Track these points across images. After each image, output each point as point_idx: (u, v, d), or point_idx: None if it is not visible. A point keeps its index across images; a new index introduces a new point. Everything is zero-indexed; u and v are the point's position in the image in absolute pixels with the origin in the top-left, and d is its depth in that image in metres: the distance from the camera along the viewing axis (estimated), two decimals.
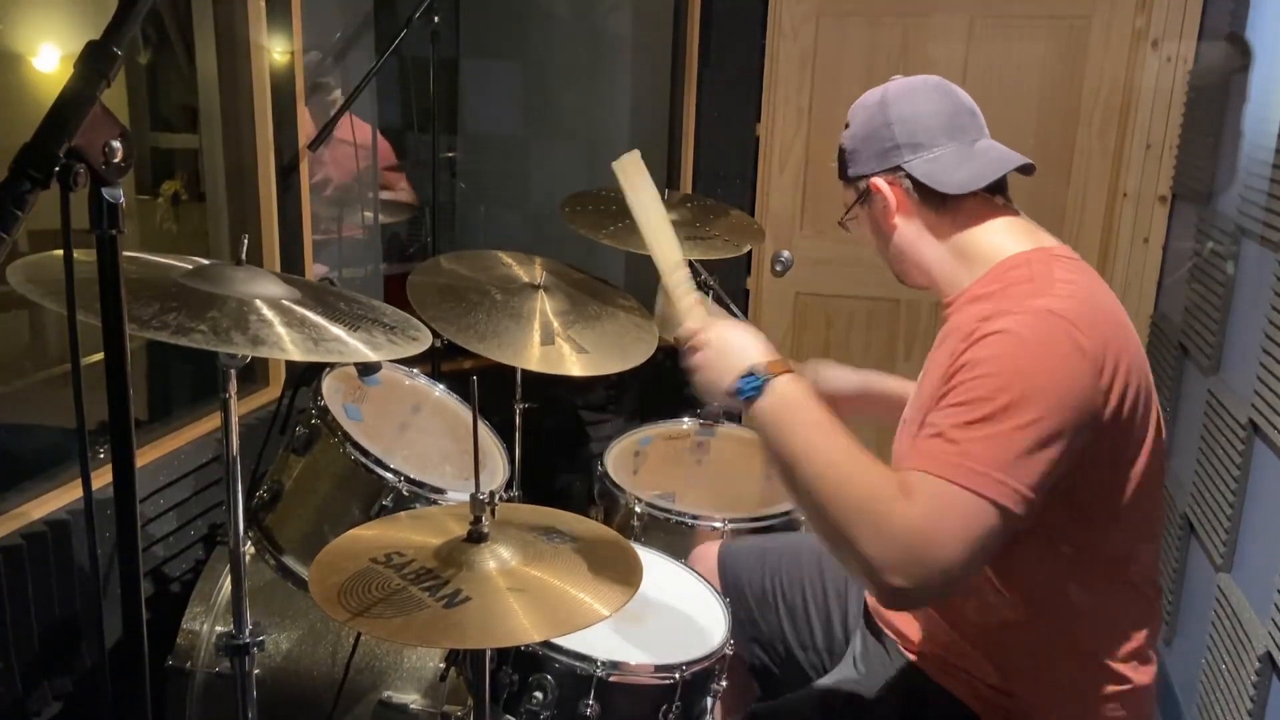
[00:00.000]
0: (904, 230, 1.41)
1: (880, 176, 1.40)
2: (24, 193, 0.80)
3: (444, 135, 3.53)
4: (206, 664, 1.83)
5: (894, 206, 1.40)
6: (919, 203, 1.38)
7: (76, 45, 0.84)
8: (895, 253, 1.44)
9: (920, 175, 1.37)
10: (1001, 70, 2.93)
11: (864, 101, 1.45)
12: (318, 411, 1.73)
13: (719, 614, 1.67)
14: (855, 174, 1.43)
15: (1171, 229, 2.87)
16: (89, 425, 0.92)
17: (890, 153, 1.38)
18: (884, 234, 1.44)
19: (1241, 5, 2.41)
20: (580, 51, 3.47)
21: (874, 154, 1.40)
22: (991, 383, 1.17)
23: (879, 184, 1.40)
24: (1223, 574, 1.99)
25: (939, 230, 1.39)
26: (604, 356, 2.13)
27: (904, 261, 1.45)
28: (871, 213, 1.44)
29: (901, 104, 1.40)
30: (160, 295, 1.28)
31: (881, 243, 1.46)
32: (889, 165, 1.39)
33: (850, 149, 1.43)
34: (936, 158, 1.37)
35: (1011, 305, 1.23)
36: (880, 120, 1.40)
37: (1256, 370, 1.87)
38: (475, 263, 2.32)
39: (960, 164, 1.37)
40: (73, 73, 0.83)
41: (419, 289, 2.11)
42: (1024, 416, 1.15)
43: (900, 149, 1.38)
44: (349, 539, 1.34)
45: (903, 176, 1.38)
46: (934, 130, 1.38)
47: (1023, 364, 1.18)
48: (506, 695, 1.51)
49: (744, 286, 3.21)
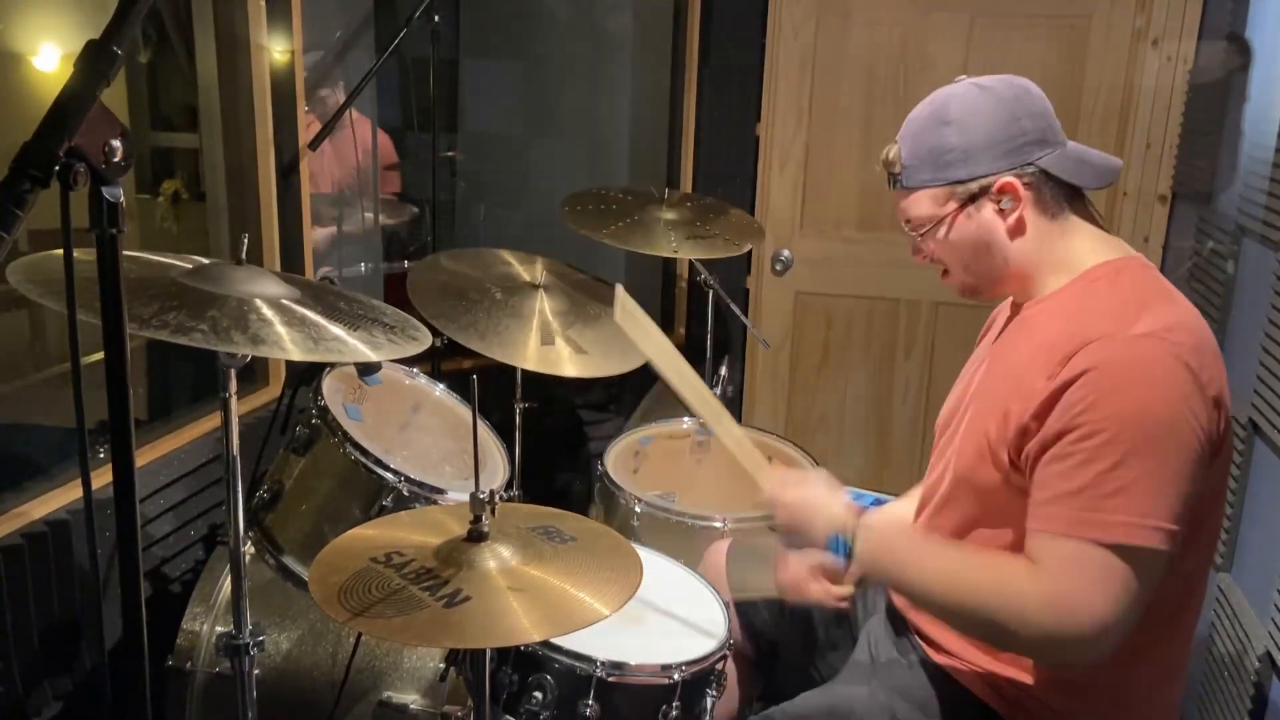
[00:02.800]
0: (1027, 233, 1.33)
1: (1011, 174, 1.31)
2: (24, 192, 0.80)
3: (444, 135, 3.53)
4: (206, 664, 1.83)
5: (1023, 206, 1.31)
6: (1043, 203, 1.32)
7: (76, 45, 0.84)
8: (1001, 260, 1.35)
9: (1058, 171, 1.31)
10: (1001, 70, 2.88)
11: (970, 100, 1.33)
12: (318, 411, 1.73)
13: (719, 614, 1.67)
14: (965, 175, 1.32)
15: (1171, 228, 2.87)
16: (89, 425, 0.92)
17: (1024, 148, 1.30)
18: (992, 239, 1.34)
19: (1241, 5, 2.41)
20: (580, 51, 3.47)
21: (1002, 151, 1.30)
22: (1107, 429, 1.15)
23: (1012, 183, 1.30)
24: (1223, 574, 1.99)
25: (1048, 234, 1.33)
26: (602, 358, 2.13)
27: (1008, 268, 1.35)
28: (980, 218, 1.33)
29: (1026, 99, 1.33)
30: (160, 294, 1.28)
31: (977, 252, 1.36)
32: (1022, 161, 1.30)
33: (957, 146, 1.31)
34: (1064, 154, 1.33)
35: (1110, 327, 1.20)
36: (1005, 115, 1.31)
37: (1256, 370, 1.87)
38: (475, 261, 2.32)
39: (1080, 160, 1.34)
40: (73, 72, 0.83)
41: (419, 286, 2.11)
42: (1150, 457, 1.14)
43: (1034, 145, 1.31)
44: (349, 539, 1.34)
45: (1035, 174, 1.31)
46: (1056, 127, 1.34)
47: (1136, 401, 1.16)
48: (506, 695, 1.51)
49: (744, 286, 3.21)
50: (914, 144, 1.36)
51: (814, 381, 3.27)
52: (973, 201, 1.33)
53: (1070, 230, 1.34)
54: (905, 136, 1.38)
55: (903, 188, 1.38)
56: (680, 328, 3.28)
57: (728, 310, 2.68)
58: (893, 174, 1.39)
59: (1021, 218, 1.32)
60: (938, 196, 1.35)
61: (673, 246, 2.46)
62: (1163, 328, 1.19)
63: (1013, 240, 1.33)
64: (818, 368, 3.26)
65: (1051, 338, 1.25)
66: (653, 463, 2.39)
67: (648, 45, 3.31)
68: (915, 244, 1.41)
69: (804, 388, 3.29)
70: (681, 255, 2.64)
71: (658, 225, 2.50)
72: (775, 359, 3.29)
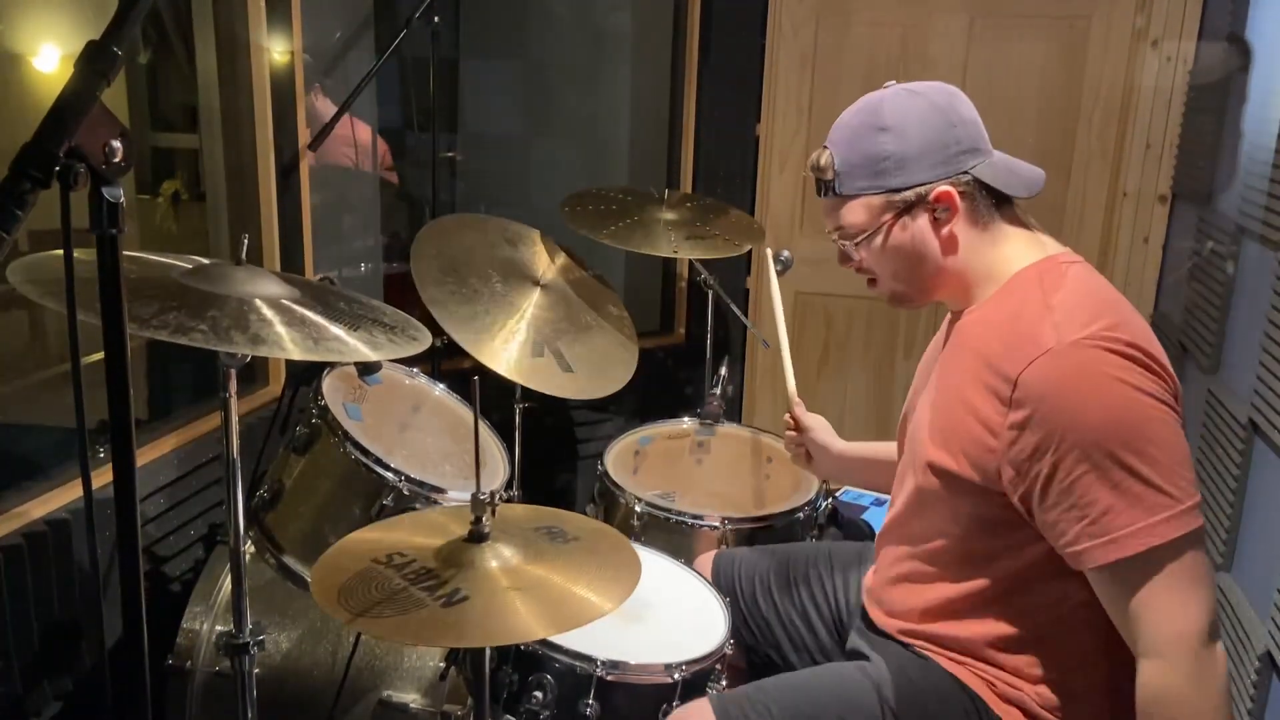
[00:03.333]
0: (960, 242, 1.33)
1: (947, 183, 1.31)
2: (24, 192, 0.80)
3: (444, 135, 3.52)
4: (206, 663, 1.83)
5: (957, 216, 1.32)
6: (976, 212, 1.33)
7: (76, 45, 0.84)
8: (933, 270, 1.35)
9: (991, 179, 1.31)
10: (1001, 70, 2.93)
11: (905, 107, 1.32)
12: (318, 411, 1.73)
13: (719, 613, 1.67)
14: (902, 184, 1.31)
15: (1171, 229, 2.87)
16: (89, 424, 0.92)
17: (959, 157, 1.31)
18: (926, 249, 1.34)
19: (1241, 5, 2.41)
20: (580, 51, 3.47)
21: (938, 159, 1.30)
22: (1090, 453, 1.16)
23: (948, 191, 1.30)
24: (1223, 574, 1.99)
25: (979, 243, 1.34)
26: (587, 379, 2.11)
27: (940, 278, 1.36)
28: (915, 227, 1.33)
29: (959, 107, 1.33)
30: (160, 294, 1.28)
31: (910, 261, 1.36)
32: (958, 170, 1.31)
33: (894, 154, 1.31)
34: (993, 162, 1.33)
35: (1045, 340, 1.20)
36: (940, 122, 1.31)
37: (1256, 370, 1.87)
38: (484, 233, 2.27)
39: (1010, 171, 1.34)
40: (73, 73, 0.84)
41: (423, 264, 2.07)
42: (1143, 451, 1.15)
43: (968, 154, 1.31)
44: (350, 540, 1.34)
45: (970, 182, 1.32)
46: (985, 136, 1.34)
47: (1101, 414, 1.17)
48: (506, 695, 1.51)
49: (744, 286, 3.21)
50: (847, 150, 1.34)
51: (814, 381, 3.27)
52: (909, 211, 1.33)
53: (1001, 238, 1.35)
54: (837, 142, 1.37)
55: (836, 195, 1.36)
56: (680, 328, 3.28)
57: (728, 310, 2.68)
58: (824, 181, 1.37)
59: (954, 226, 1.32)
60: (873, 205, 1.34)
61: (673, 246, 2.46)
62: (1095, 328, 1.20)
63: (946, 250, 1.34)
64: (818, 368, 3.26)
65: (989, 356, 1.26)
66: (653, 463, 2.40)
67: (648, 45, 3.31)
68: (845, 251, 1.40)
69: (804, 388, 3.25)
70: (681, 255, 2.64)
71: (658, 225, 2.50)
72: (775, 359, 3.28)
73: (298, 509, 1.73)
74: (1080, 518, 1.18)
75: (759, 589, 1.76)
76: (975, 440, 1.27)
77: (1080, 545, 1.19)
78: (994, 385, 1.24)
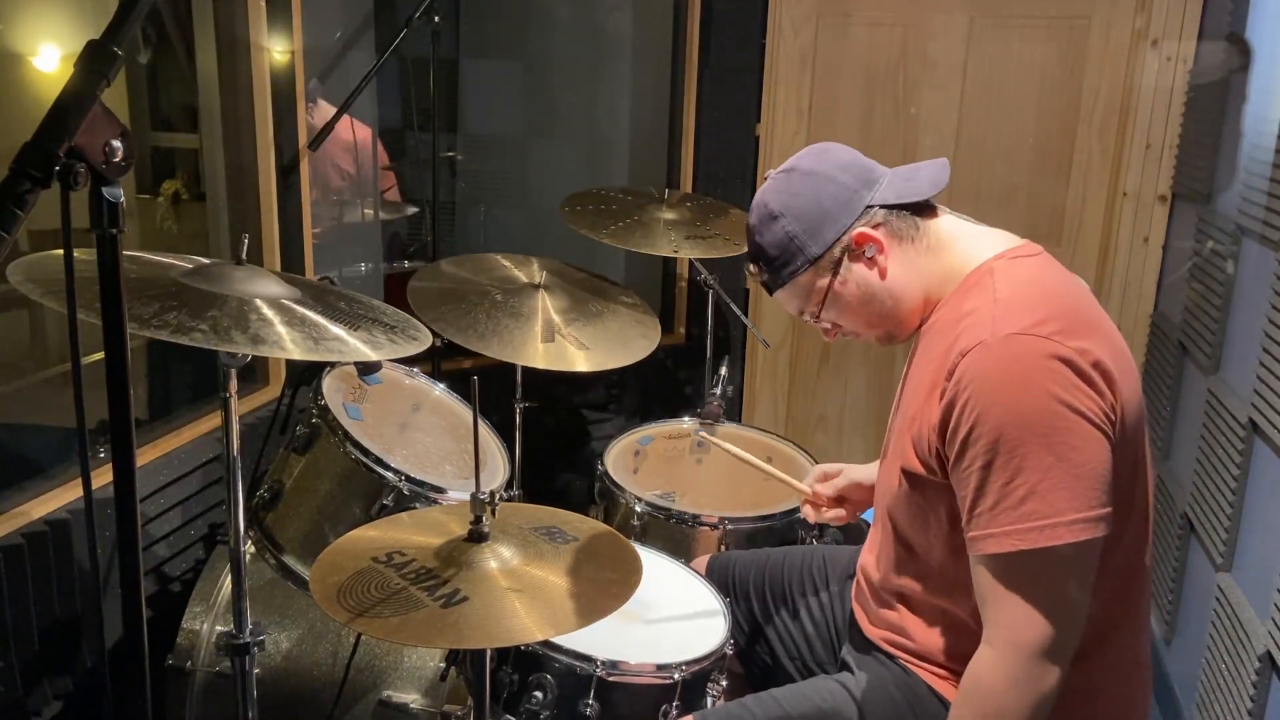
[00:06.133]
0: (900, 267, 1.37)
1: (859, 225, 1.36)
2: (24, 192, 0.80)
3: (444, 135, 3.53)
4: (206, 663, 1.83)
5: (885, 246, 1.36)
6: (899, 233, 1.37)
7: (76, 45, 0.84)
8: (891, 302, 1.39)
9: (895, 198, 1.36)
10: (1001, 70, 2.93)
11: (782, 188, 1.40)
12: (318, 411, 1.73)
13: (719, 614, 1.67)
14: (820, 249, 1.37)
15: (1171, 229, 2.87)
16: (89, 424, 0.92)
17: (853, 199, 1.36)
18: (874, 289, 1.38)
19: (1241, 5, 2.41)
20: (580, 51, 3.48)
21: (837, 212, 1.36)
22: (995, 441, 1.17)
23: (865, 232, 1.35)
24: (1223, 573, 1.99)
25: (917, 258, 1.37)
26: (605, 353, 2.14)
27: (903, 305, 1.39)
28: (855, 276, 1.38)
29: (830, 158, 1.40)
30: (161, 294, 1.28)
31: (868, 304, 1.40)
32: (859, 209, 1.36)
33: (797, 232, 1.37)
34: (891, 182, 1.39)
35: (982, 334, 1.21)
36: (820, 182, 1.37)
37: (1256, 370, 1.87)
38: (476, 265, 2.33)
39: (909, 178, 1.39)
40: (73, 72, 0.83)
41: (420, 294, 2.12)
42: (1045, 454, 1.16)
43: (861, 191, 1.37)
44: (349, 539, 1.34)
45: (876, 212, 1.36)
46: (870, 165, 1.41)
47: (1010, 405, 1.17)
48: (506, 695, 1.51)
49: (744, 286, 3.21)
50: (762, 251, 1.43)
51: (814, 381, 3.27)
52: (838, 266, 1.39)
53: (937, 245, 1.38)
54: (752, 252, 1.46)
55: (779, 288, 1.45)
56: (680, 328, 3.28)
57: (728, 310, 2.68)
58: (763, 284, 1.47)
59: (888, 257, 1.37)
60: (808, 279, 1.41)
61: (673, 246, 2.46)
62: (1031, 323, 1.20)
63: (892, 280, 1.38)
64: (817, 368, 3.26)
65: (937, 356, 1.29)
66: (653, 463, 2.40)
67: (647, 45, 3.31)
68: (820, 327, 1.48)
69: (804, 388, 3.29)
70: (681, 255, 2.64)
71: (658, 225, 2.50)
72: (775, 359, 3.29)
73: (298, 509, 1.73)
74: (970, 506, 1.21)
75: (754, 597, 1.76)
76: (923, 436, 1.29)
77: (969, 533, 1.22)
78: (938, 380, 1.26)
